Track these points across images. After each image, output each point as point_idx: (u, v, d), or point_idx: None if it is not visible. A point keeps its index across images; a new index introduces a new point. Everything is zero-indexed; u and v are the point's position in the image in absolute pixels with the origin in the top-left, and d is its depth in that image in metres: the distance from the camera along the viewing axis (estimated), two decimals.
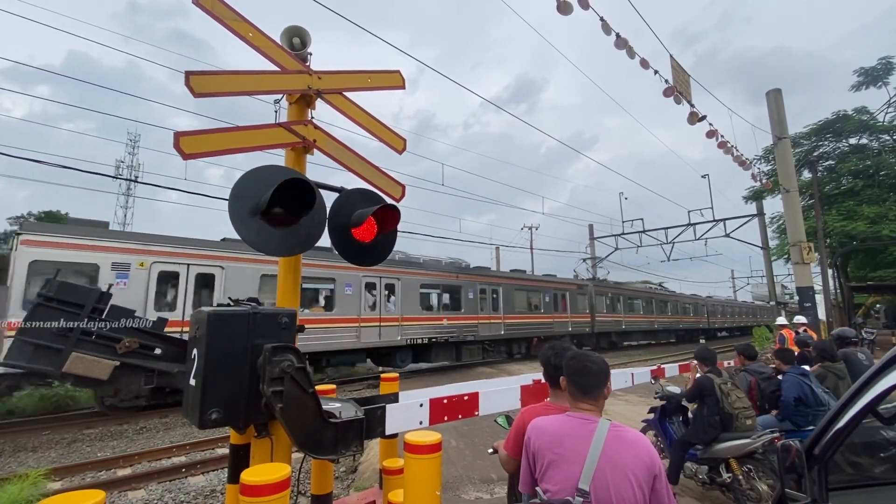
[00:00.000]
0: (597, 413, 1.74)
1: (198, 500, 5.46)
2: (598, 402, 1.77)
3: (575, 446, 1.61)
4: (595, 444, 1.59)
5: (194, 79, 2.49)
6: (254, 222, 2.48)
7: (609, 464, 1.55)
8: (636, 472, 1.54)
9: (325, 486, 3.49)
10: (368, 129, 3.55)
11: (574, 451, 1.60)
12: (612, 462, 1.55)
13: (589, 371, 1.77)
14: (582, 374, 1.78)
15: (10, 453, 7.37)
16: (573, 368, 1.82)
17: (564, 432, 1.68)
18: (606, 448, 1.58)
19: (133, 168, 34.00)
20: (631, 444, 1.60)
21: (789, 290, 38.46)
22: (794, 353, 5.05)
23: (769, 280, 23.96)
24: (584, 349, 2.19)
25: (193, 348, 2.29)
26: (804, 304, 11.44)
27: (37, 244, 8.70)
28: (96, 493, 1.54)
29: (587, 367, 1.79)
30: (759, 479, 3.90)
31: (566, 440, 1.65)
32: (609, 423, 1.66)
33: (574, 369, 1.82)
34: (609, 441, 1.59)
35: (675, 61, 8.13)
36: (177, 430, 8.75)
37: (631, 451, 1.58)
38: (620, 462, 1.55)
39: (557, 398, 2.18)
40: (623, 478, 1.53)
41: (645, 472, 1.55)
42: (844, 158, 21.60)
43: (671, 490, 1.64)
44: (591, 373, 1.77)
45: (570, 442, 1.63)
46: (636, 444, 1.61)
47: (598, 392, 1.76)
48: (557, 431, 1.69)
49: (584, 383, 1.76)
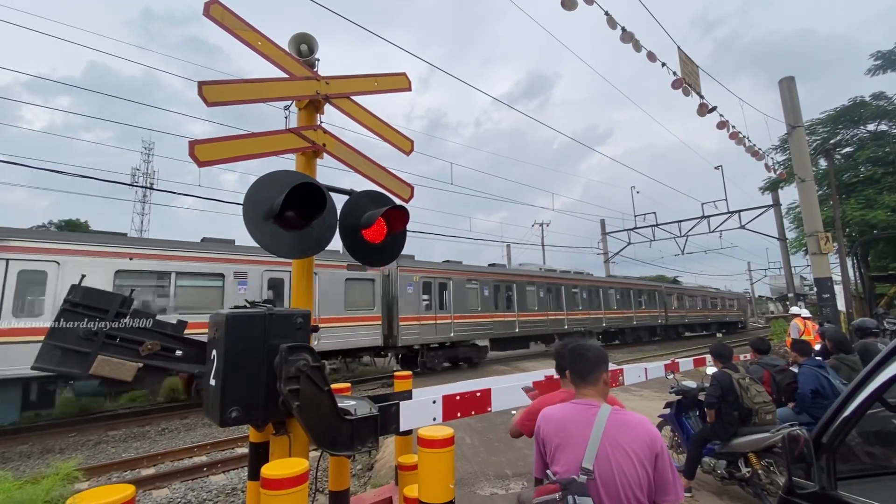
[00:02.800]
0: (599, 399, 1.85)
1: (220, 497, 5.60)
2: (598, 387, 1.89)
3: (578, 430, 1.72)
4: (597, 427, 1.69)
5: (207, 89, 2.57)
6: (267, 226, 2.56)
7: (611, 444, 1.65)
8: (637, 451, 1.63)
9: (342, 483, 3.57)
10: (376, 131, 3.60)
11: (578, 435, 1.71)
12: (614, 443, 1.65)
13: (585, 357, 1.92)
14: (579, 361, 1.93)
15: (39, 455, 7.62)
16: (572, 357, 1.97)
17: (568, 418, 1.80)
18: (608, 430, 1.68)
19: (148, 175, 34.66)
20: (632, 426, 1.70)
21: (808, 281, 37.66)
22: (810, 344, 4.98)
23: (787, 272, 23.49)
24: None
25: (213, 350, 2.37)
26: (822, 295, 11.22)
27: None
28: (126, 488, 1.62)
29: (583, 354, 1.94)
30: (779, 472, 3.85)
31: (569, 425, 1.77)
32: (610, 408, 1.77)
33: (573, 357, 1.97)
34: (610, 424, 1.70)
35: (683, 53, 8.04)
36: (197, 431, 8.95)
37: (632, 432, 1.68)
38: (622, 442, 1.65)
39: (567, 387, 2.41)
40: (625, 456, 1.63)
41: (646, 451, 1.64)
42: (863, 145, 21.08)
43: (675, 469, 1.72)
44: (587, 359, 1.92)
45: (573, 426, 1.75)
46: (637, 426, 1.71)
47: (596, 377, 1.89)
48: (562, 418, 1.82)
49: (581, 369, 1.91)
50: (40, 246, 8.61)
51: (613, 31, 6.62)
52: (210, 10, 2.69)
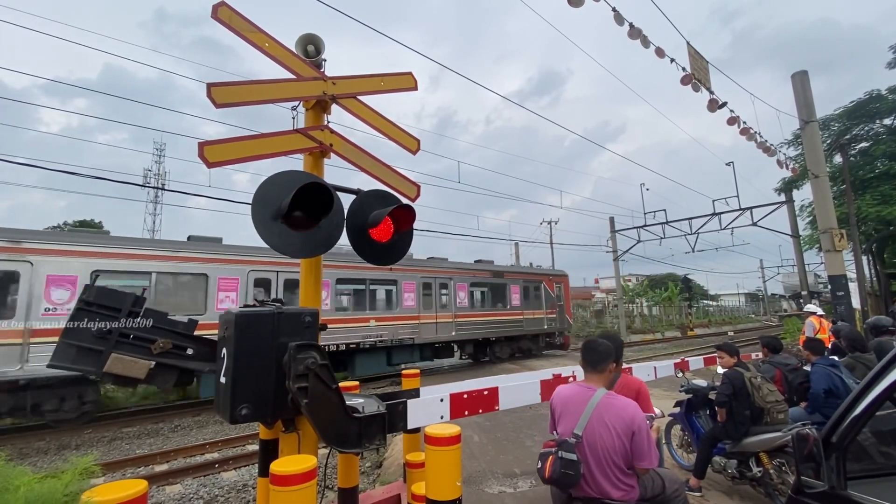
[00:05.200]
0: (599, 384, 2.44)
1: (231, 493, 5.67)
2: (603, 375, 2.48)
3: (576, 406, 2.37)
4: (590, 405, 2.31)
5: (215, 90, 2.61)
6: (276, 226, 2.59)
7: (597, 419, 2.27)
8: (616, 427, 2.23)
9: (351, 480, 3.60)
10: (383, 131, 3.62)
11: (575, 409, 2.36)
12: (600, 418, 2.26)
13: (594, 350, 2.51)
14: (589, 353, 2.52)
15: (55, 451, 7.78)
16: (585, 349, 2.57)
17: (572, 396, 2.46)
18: (597, 409, 2.29)
19: (160, 176, 35.10)
20: (616, 408, 2.29)
21: (822, 278, 37.06)
22: (823, 343, 4.91)
23: (800, 269, 23.11)
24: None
25: (223, 348, 2.40)
26: (837, 292, 11.03)
27: None
28: (139, 483, 1.65)
29: (593, 347, 2.53)
30: (790, 472, 3.81)
31: (571, 401, 2.43)
32: (604, 392, 2.36)
33: (585, 350, 2.56)
34: (600, 404, 2.30)
35: (693, 48, 7.95)
36: (209, 428, 9.07)
37: (615, 412, 2.27)
38: (605, 419, 2.26)
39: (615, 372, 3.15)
40: (606, 429, 2.24)
41: (624, 428, 2.22)
42: (879, 140, 20.64)
43: (653, 443, 2.28)
44: (596, 352, 2.50)
45: (573, 403, 2.41)
46: (620, 408, 2.28)
47: (603, 366, 2.47)
48: (567, 395, 2.49)
49: (590, 359, 2.50)
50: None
51: (621, 27, 6.57)
52: (218, 13, 2.72)
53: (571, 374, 3.78)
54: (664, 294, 40.10)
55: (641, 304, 38.60)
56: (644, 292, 43.80)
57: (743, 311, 57.26)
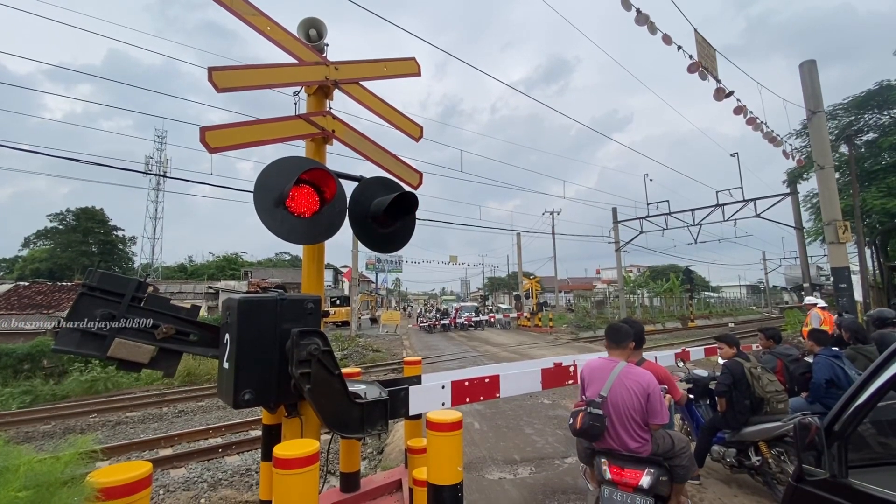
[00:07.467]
0: (621, 358, 2.95)
1: (234, 477, 5.75)
2: (625, 350, 3.01)
3: (601, 375, 2.86)
4: (613, 374, 2.81)
5: (217, 74, 2.58)
6: (278, 212, 2.58)
7: (619, 384, 2.76)
8: (635, 389, 2.71)
9: (353, 465, 3.64)
10: (385, 117, 3.58)
11: (601, 377, 2.85)
12: (621, 383, 2.76)
13: (618, 331, 3.05)
14: (613, 333, 3.05)
15: (61, 434, 7.89)
16: (609, 330, 3.11)
17: (598, 367, 2.95)
18: (619, 376, 2.78)
19: (161, 163, 35.02)
20: (635, 375, 2.78)
21: (825, 271, 36.95)
22: (828, 333, 4.90)
23: (803, 261, 23.03)
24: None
25: (226, 334, 2.41)
26: (839, 285, 10.99)
27: None
28: (144, 464, 1.67)
29: (617, 328, 3.08)
30: (789, 462, 3.83)
31: (598, 371, 2.91)
32: (625, 364, 2.87)
33: (609, 331, 3.10)
34: (622, 373, 2.80)
35: (700, 35, 7.82)
36: (212, 413, 9.17)
37: (633, 378, 2.76)
38: (626, 383, 2.75)
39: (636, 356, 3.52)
40: (626, 390, 2.73)
41: (640, 390, 2.70)
42: (886, 132, 20.38)
43: (664, 403, 2.78)
44: (619, 332, 3.04)
45: (599, 372, 2.90)
46: (638, 375, 2.78)
47: (624, 344, 3.00)
48: (595, 366, 2.97)
49: (614, 337, 3.03)
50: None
51: (628, 13, 6.46)
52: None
53: (572, 363, 3.79)
54: (665, 285, 40.05)
55: (643, 294, 38.57)
56: (645, 283, 43.77)
57: (744, 303, 57.21)
